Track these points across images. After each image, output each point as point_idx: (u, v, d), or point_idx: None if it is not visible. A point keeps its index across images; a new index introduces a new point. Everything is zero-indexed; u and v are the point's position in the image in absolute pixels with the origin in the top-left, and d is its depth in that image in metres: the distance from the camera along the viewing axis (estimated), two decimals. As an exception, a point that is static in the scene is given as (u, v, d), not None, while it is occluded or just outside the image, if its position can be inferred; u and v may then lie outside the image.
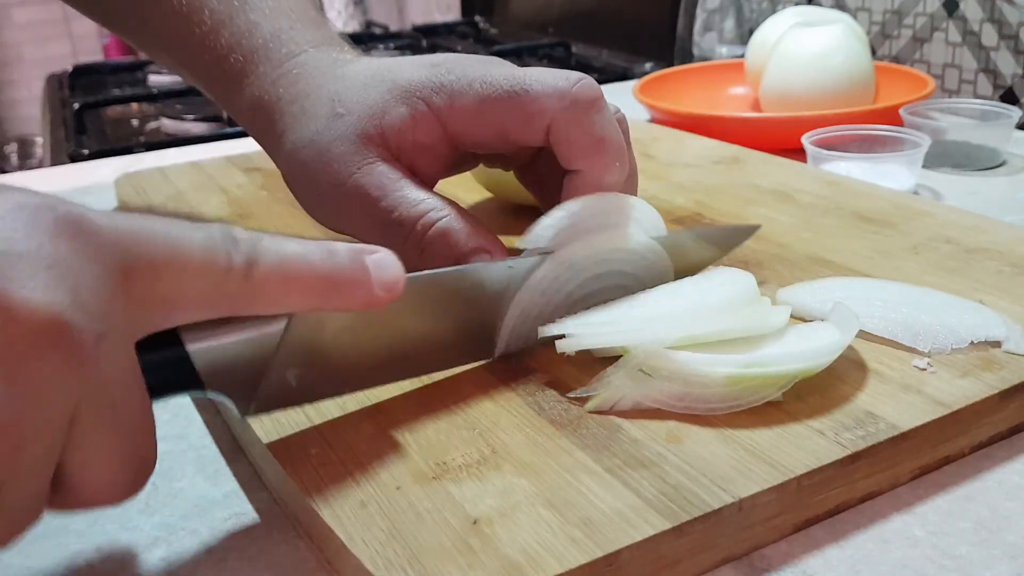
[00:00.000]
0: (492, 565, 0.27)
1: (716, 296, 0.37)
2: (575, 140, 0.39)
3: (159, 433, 0.38)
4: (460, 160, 0.43)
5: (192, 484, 0.36)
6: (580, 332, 0.35)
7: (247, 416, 0.33)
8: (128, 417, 0.26)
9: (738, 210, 0.55)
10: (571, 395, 0.36)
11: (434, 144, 0.41)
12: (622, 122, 0.43)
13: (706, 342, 0.35)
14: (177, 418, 0.40)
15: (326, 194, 0.41)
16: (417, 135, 0.40)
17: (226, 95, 0.46)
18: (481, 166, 0.47)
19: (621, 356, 0.35)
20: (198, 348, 0.30)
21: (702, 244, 0.44)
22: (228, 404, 0.32)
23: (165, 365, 0.30)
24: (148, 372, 0.27)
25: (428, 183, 0.41)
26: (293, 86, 0.43)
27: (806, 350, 0.34)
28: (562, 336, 0.36)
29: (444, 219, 0.39)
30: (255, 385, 0.32)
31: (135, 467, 0.27)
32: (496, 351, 0.38)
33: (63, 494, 0.26)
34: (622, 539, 0.28)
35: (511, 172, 0.47)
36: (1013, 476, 0.33)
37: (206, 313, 0.28)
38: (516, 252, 0.42)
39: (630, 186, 0.43)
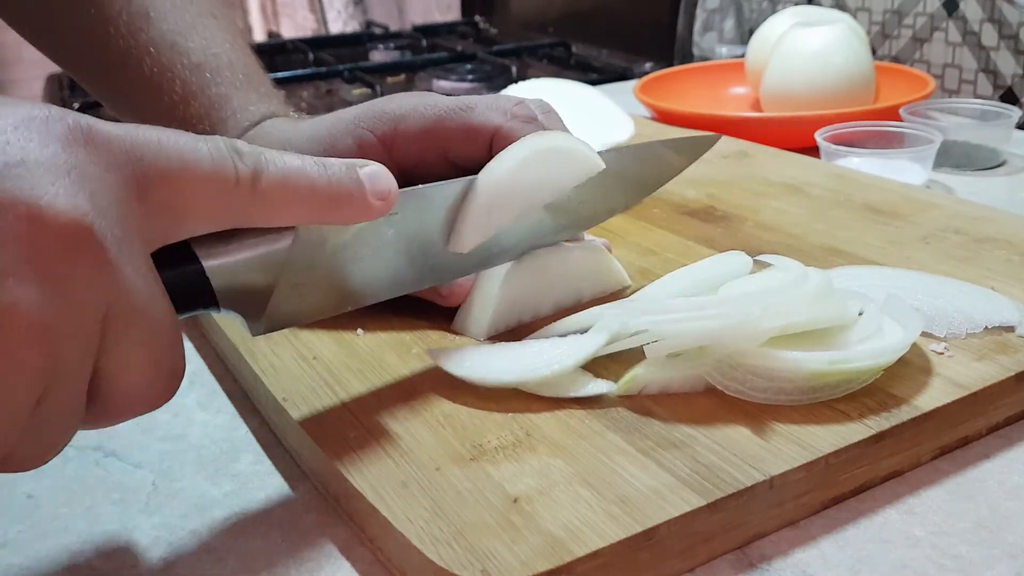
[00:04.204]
0: (535, 540, 0.28)
1: (796, 290, 0.37)
2: None
3: (159, 434, 0.39)
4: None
5: (192, 484, 0.36)
6: (664, 330, 0.35)
7: (257, 334, 0.33)
8: (155, 322, 0.27)
9: (750, 202, 0.56)
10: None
11: None
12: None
13: (787, 334, 0.35)
14: (177, 418, 0.41)
15: None
16: None
17: None
18: None
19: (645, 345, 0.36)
20: (213, 265, 0.31)
21: (665, 151, 0.46)
22: (240, 322, 0.33)
23: (183, 281, 0.30)
24: (167, 287, 0.28)
25: None
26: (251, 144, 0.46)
27: (885, 346, 0.35)
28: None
29: None
30: (263, 305, 0.33)
31: (166, 372, 0.28)
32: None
33: (98, 405, 0.27)
34: (659, 515, 0.29)
35: None
36: (1013, 476, 0.34)
37: (214, 224, 0.29)
38: None
39: None
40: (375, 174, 0.32)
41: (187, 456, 0.38)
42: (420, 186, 0.37)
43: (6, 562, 0.32)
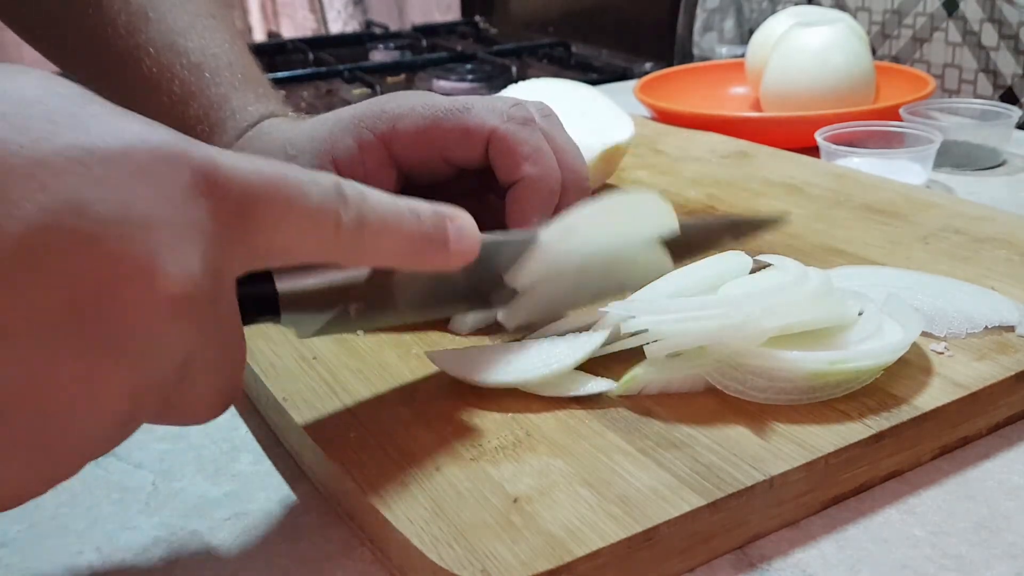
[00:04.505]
0: (536, 541, 0.28)
1: (797, 290, 0.37)
2: (515, 148, 0.41)
3: (159, 433, 0.39)
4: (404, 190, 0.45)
5: (192, 484, 0.36)
6: (664, 330, 0.35)
7: (304, 337, 0.35)
8: (230, 355, 0.28)
9: (749, 203, 0.56)
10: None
11: (381, 170, 0.43)
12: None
13: (787, 335, 0.35)
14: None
15: None
16: (366, 163, 0.43)
17: None
18: None
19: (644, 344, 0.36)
20: (286, 287, 0.33)
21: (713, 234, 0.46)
22: (291, 328, 0.34)
23: (252, 299, 0.32)
24: (241, 304, 0.29)
25: None
26: (250, 146, 0.46)
27: (885, 346, 0.35)
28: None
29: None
30: (319, 317, 0.34)
31: (227, 394, 0.29)
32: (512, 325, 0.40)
33: (157, 418, 0.27)
34: (660, 515, 0.29)
35: None
36: (1013, 476, 0.34)
37: (309, 261, 0.29)
38: None
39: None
40: (461, 228, 0.33)
41: (187, 456, 0.38)
42: (500, 234, 0.38)
43: (6, 562, 0.32)
